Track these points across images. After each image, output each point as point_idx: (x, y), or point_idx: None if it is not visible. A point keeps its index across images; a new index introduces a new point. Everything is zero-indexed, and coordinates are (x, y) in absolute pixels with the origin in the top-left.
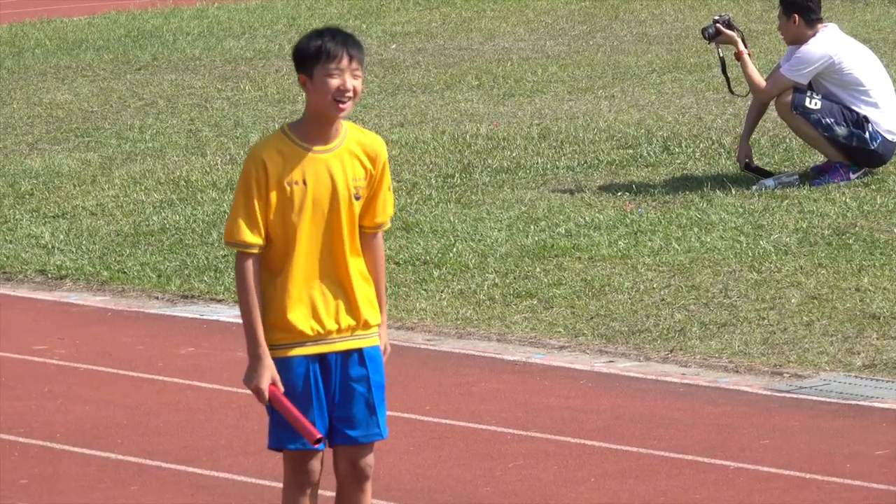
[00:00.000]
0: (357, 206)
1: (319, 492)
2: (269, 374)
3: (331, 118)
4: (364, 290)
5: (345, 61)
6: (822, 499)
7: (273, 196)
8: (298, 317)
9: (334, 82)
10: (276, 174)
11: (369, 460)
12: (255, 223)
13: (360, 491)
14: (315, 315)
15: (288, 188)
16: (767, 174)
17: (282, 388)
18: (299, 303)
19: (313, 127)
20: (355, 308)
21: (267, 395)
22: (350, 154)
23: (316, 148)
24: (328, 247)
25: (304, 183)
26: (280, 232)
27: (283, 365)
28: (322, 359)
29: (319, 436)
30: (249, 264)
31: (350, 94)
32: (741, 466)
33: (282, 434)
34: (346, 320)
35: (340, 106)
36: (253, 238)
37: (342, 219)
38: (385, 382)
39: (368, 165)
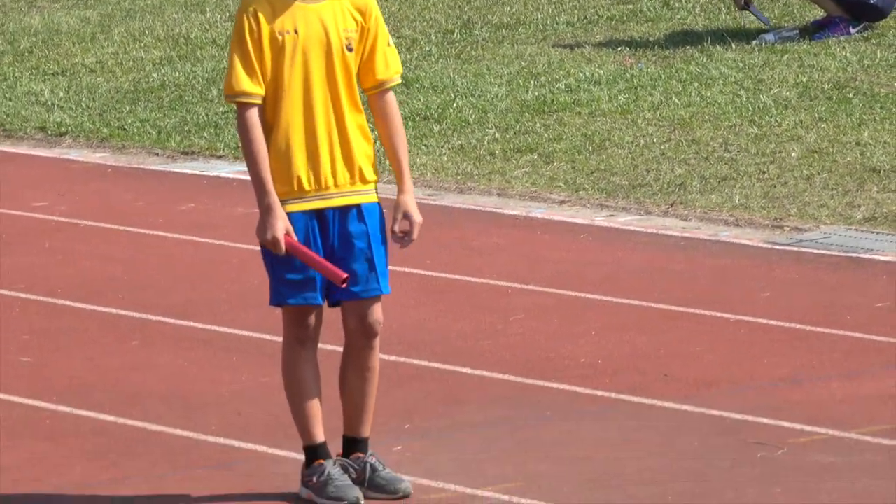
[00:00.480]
0: (350, 57)
1: (321, 346)
2: (282, 223)
3: None
4: (362, 147)
5: None
6: (822, 349)
7: (266, 46)
8: (295, 171)
9: None
10: (267, 24)
11: (378, 316)
12: (253, 73)
13: (369, 347)
14: (313, 169)
15: (280, 38)
16: (766, 19)
17: (295, 237)
18: (296, 157)
19: None
20: (353, 163)
21: (284, 244)
22: (340, 7)
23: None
24: (323, 99)
25: (296, 32)
26: (274, 84)
27: None
28: (320, 214)
29: (345, 276)
30: (253, 114)
31: None
32: (741, 318)
33: (283, 290)
34: (344, 175)
35: None
36: (254, 88)
37: (336, 69)
38: (385, 238)
39: (359, 18)
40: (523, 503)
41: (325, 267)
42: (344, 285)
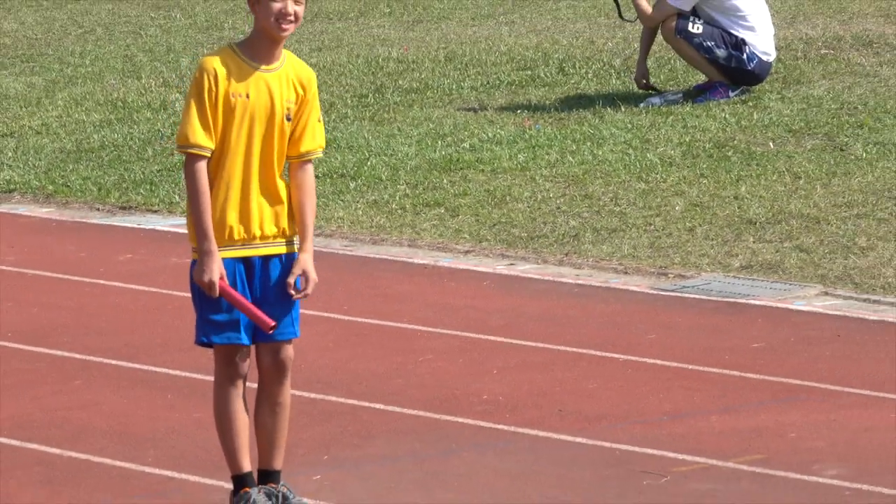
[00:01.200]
0: (287, 127)
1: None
2: (218, 268)
3: (275, 38)
4: (287, 205)
5: None
6: (703, 387)
7: (220, 105)
8: (229, 221)
9: (277, 6)
10: (224, 85)
11: (290, 354)
12: (207, 128)
13: (280, 384)
14: (244, 221)
15: (233, 99)
16: (660, 92)
17: (227, 282)
18: (231, 209)
19: (259, 46)
20: (279, 219)
21: (218, 288)
22: (286, 78)
23: (262, 67)
24: (260, 160)
25: (248, 97)
26: (221, 141)
27: None
28: (246, 261)
29: (272, 323)
30: (202, 166)
31: (292, 17)
32: (630, 359)
33: (207, 328)
34: (271, 228)
35: (283, 27)
36: (206, 142)
37: (275, 135)
38: (300, 286)
39: (300, 91)
40: None
41: (254, 313)
42: (271, 332)
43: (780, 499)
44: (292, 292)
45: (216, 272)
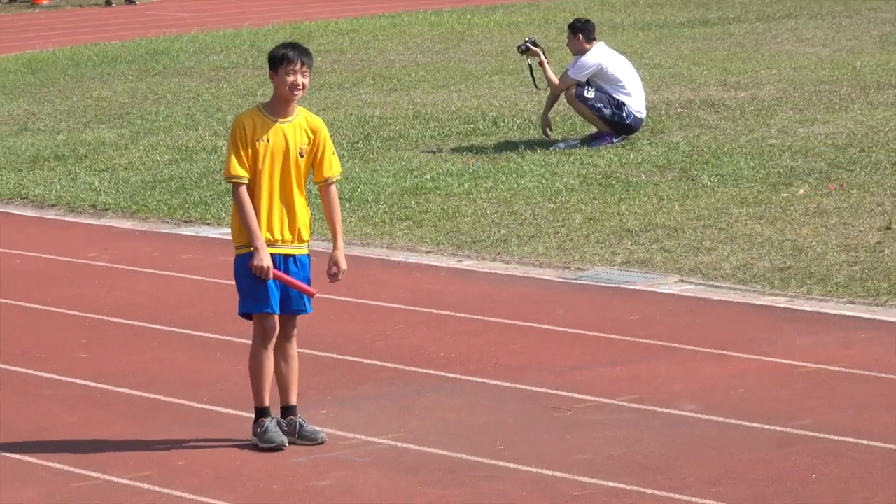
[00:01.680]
0: (302, 161)
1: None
2: (268, 257)
3: (289, 101)
4: (303, 216)
5: (298, 65)
6: (595, 347)
7: (249, 147)
8: (260, 228)
9: (290, 79)
10: (250, 134)
11: (295, 323)
12: (242, 163)
13: (289, 342)
14: (269, 229)
15: (258, 143)
16: (555, 141)
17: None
18: (260, 219)
19: (277, 106)
20: (295, 228)
21: (271, 272)
22: (300, 127)
23: (279, 120)
24: (282, 184)
25: (268, 141)
26: (252, 172)
27: (248, 257)
28: (272, 257)
29: (315, 291)
30: (244, 189)
31: (300, 88)
32: (543, 327)
33: (248, 303)
34: (287, 235)
35: (294, 93)
36: (242, 172)
37: (291, 167)
38: (310, 277)
39: (311, 135)
40: (402, 447)
41: (300, 286)
42: (313, 297)
43: (650, 426)
44: (331, 278)
45: (267, 259)
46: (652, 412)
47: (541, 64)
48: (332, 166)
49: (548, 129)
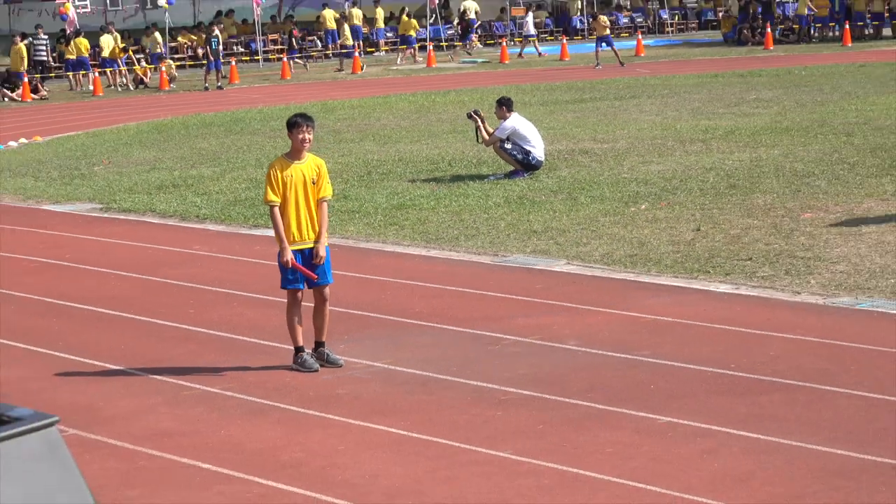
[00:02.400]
0: (312, 188)
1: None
2: (290, 254)
3: (300, 151)
4: (317, 223)
5: (305, 127)
6: (514, 306)
7: (280, 180)
8: (291, 233)
9: (300, 136)
10: (279, 172)
11: (327, 291)
12: (275, 191)
13: (323, 304)
14: (298, 232)
15: (284, 177)
16: (488, 175)
17: (295, 260)
18: (290, 227)
19: (294, 154)
20: (313, 230)
21: (292, 263)
22: (310, 166)
23: (295, 163)
24: (303, 203)
25: (291, 176)
26: (282, 197)
27: (280, 254)
28: (300, 251)
29: (316, 277)
30: (277, 209)
31: (307, 141)
32: (483, 293)
33: (286, 282)
34: (309, 235)
35: (304, 145)
36: (276, 198)
37: (308, 191)
38: (330, 259)
39: (317, 170)
40: (392, 369)
41: (307, 273)
42: (315, 280)
43: (548, 355)
44: (314, 260)
45: (289, 255)
46: (549, 347)
47: (477, 128)
48: (327, 190)
49: (483, 143)
